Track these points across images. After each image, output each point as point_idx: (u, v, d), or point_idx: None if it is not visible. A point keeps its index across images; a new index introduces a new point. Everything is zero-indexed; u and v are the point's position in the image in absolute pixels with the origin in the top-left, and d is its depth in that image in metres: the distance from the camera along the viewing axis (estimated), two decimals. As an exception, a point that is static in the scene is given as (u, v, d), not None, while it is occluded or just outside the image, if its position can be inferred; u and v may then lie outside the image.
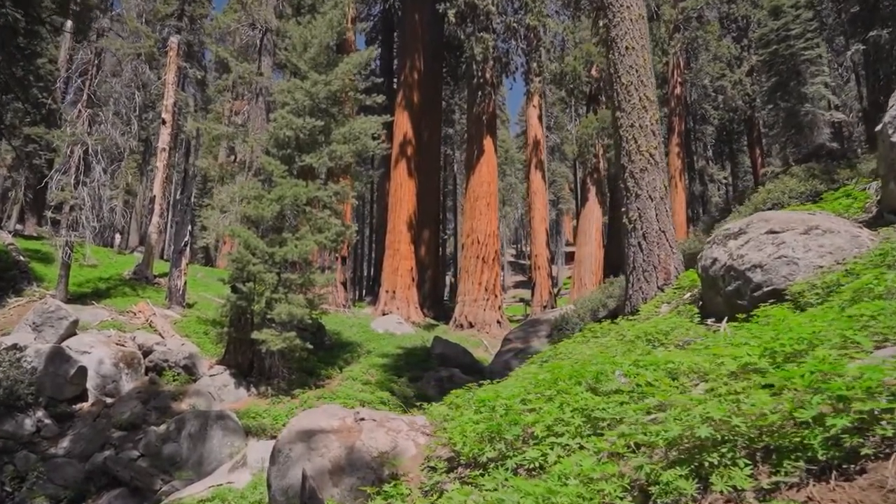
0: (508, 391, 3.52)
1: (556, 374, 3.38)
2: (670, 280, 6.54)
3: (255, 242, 14.07)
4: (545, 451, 2.52)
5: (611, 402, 2.77)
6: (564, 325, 14.55)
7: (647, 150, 6.83)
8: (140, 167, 41.50)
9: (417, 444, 3.49)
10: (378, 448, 3.38)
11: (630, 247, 6.85)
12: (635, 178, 6.81)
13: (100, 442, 11.47)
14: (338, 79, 16.20)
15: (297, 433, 3.63)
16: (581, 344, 6.34)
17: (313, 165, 15.46)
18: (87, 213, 17.85)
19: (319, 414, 3.87)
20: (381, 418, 3.79)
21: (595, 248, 29.67)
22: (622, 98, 7.04)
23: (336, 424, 3.67)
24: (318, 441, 3.45)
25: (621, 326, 5.93)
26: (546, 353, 6.49)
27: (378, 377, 16.30)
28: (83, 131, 17.75)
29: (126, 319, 16.60)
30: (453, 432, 3.14)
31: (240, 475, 8.23)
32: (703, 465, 2.03)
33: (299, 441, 3.52)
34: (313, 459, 3.35)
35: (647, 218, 6.70)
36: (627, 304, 6.92)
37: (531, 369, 6.41)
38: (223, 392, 13.96)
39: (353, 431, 3.57)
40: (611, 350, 4.93)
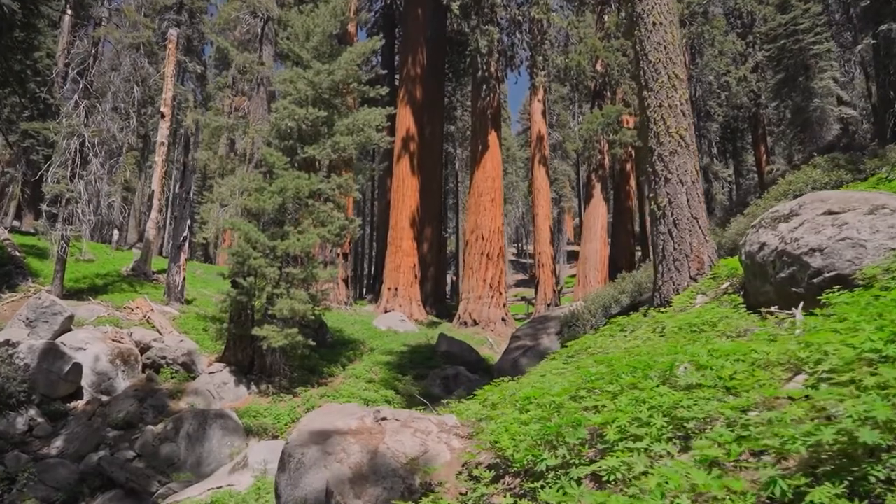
0: (557, 387, 3.07)
1: (615, 367, 2.93)
2: (704, 270, 6.10)
3: (256, 235, 13.63)
4: (626, 458, 2.08)
5: (693, 399, 2.34)
6: (575, 321, 14.11)
7: (676, 132, 6.40)
8: (139, 163, 41.10)
9: (451, 448, 3.05)
10: (406, 453, 2.94)
11: (659, 234, 6.41)
12: (664, 162, 6.37)
13: (94, 442, 11.02)
14: (341, 68, 15.77)
15: (309, 434, 3.18)
16: (609, 338, 5.91)
17: (316, 157, 15.02)
18: (84, 206, 17.38)
19: (334, 413, 3.43)
20: (405, 418, 3.35)
21: (600, 246, 29.21)
22: (649, 77, 6.60)
23: (354, 425, 3.23)
24: (335, 444, 3.00)
25: (655, 318, 5.50)
26: (572, 348, 6.05)
27: (382, 375, 15.88)
28: (79, 123, 17.28)
29: (123, 315, 16.15)
30: (500, 435, 2.69)
31: (240, 477, 7.78)
32: (863, 480, 1.60)
33: (313, 444, 3.07)
34: (330, 466, 2.90)
35: (678, 204, 6.26)
36: (656, 296, 6.48)
37: (552, 365, 5.98)
38: (223, 390, 13.52)
39: (375, 433, 3.14)
40: (650, 343, 4.49)
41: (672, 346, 3.22)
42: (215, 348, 15.47)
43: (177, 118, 34.86)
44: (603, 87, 32.04)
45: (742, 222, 12.44)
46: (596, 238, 29.61)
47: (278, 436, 11.68)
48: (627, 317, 6.68)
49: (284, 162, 14.56)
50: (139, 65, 28.12)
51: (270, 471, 7.06)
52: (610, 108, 30.06)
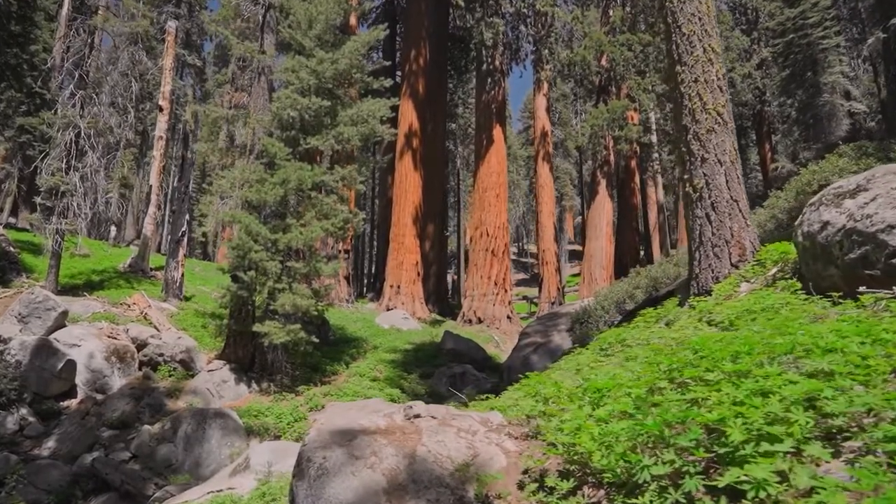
0: (627, 378, 2.61)
1: (711, 351, 2.44)
2: (746, 256, 5.64)
3: (258, 228, 13.15)
4: (778, 465, 1.61)
5: (833, 388, 1.88)
6: (586, 318, 13.64)
7: (714, 108, 5.93)
8: (137, 160, 40.60)
9: (506, 451, 2.57)
10: (451, 457, 2.45)
11: (696, 219, 5.94)
12: (701, 140, 5.90)
13: (88, 442, 10.54)
14: (345, 57, 15.30)
15: (331, 434, 2.69)
16: (645, 329, 5.45)
17: (319, 148, 14.55)
18: (80, 200, 16.90)
19: (357, 409, 2.96)
20: (443, 415, 2.87)
21: (606, 243, 28.75)
22: (683, 50, 6.13)
23: (382, 423, 2.75)
24: (364, 446, 2.52)
25: (699, 308, 5.03)
26: (605, 340, 5.59)
27: (387, 373, 15.41)
28: (75, 114, 16.79)
29: (120, 312, 15.65)
30: (576, 436, 2.22)
31: (242, 480, 7.30)
32: None
33: (336, 446, 2.57)
34: (360, 473, 2.41)
35: (717, 185, 5.80)
36: (693, 285, 6.01)
37: (585, 358, 5.51)
38: (222, 388, 13.04)
39: (409, 433, 2.66)
40: (701, 332, 4.03)
41: (759, 333, 2.74)
42: (215, 345, 14.99)
43: (175, 113, 34.37)
44: (608, 83, 31.62)
45: (763, 214, 12.00)
46: (601, 235, 29.16)
47: (280, 436, 11.21)
48: (657, 308, 6.23)
49: (286, 153, 14.08)
50: (137, 59, 27.63)
51: (275, 473, 6.59)
52: (616, 103, 29.62)
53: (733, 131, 5.96)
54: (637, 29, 30.85)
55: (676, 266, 12.99)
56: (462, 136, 58.78)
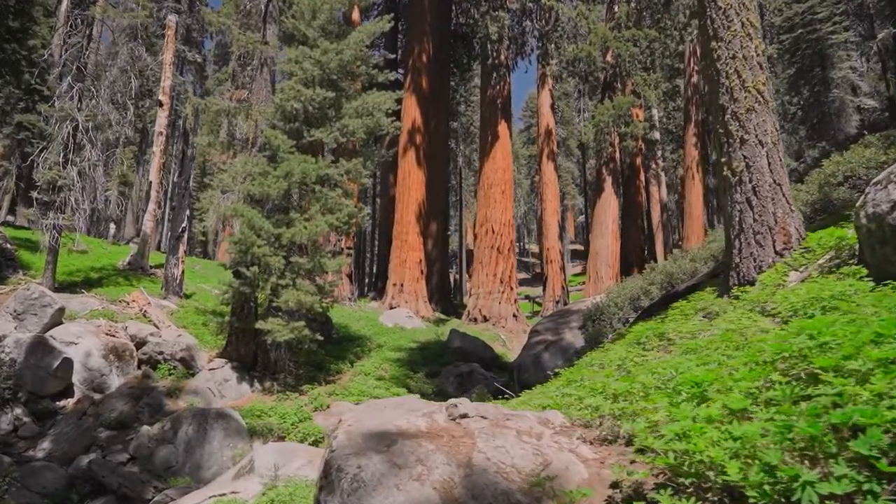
0: (706, 371, 2.21)
1: (840, 336, 2.04)
2: (791, 243, 5.25)
3: (261, 223, 12.75)
4: None
5: None
6: (599, 315, 13.25)
7: (753, 86, 5.55)
8: (136, 158, 40.23)
9: (582, 458, 2.16)
10: (517, 466, 2.04)
11: (735, 204, 5.55)
12: (740, 120, 5.51)
13: (85, 443, 10.14)
14: (349, 48, 14.90)
15: (364, 438, 2.27)
16: (684, 322, 5.06)
17: (323, 140, 14.16)
18: (78, 195, 16.49)
19: (388, 408, 2.56)
20: (494, 415, 2.46)
21: (611, 241, 28.33)
22: (719, 25, 5.74)
23: (423, 424, 2.35)
24: (406, 452, 2.10)
25: (750, 298, 4.63)
26: (641, 334, 5.20)
27: (392, 372, 15.01)
28: (73, 107, 16.38)
29: (118, 309, 15.26)
30: (693, 442, 1.81)
31: (246, 484, 6.90)
32: None
33: (372, 452, 2.16)
34: (406, 486, 1.99)
35: (758, 168, 5.41)
36: (733, 276, 5.61)
37: (620, 352, 5.11)
38: (224, 388, 12.64)
39: (458, 436, 2.26)
40: (757, 324, 3.65)
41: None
42: (216, 343, 14.59)
43: (176, 110, 33.99)
44: (613, 79, 31.18)
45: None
46: (607, 233, 28.74)
47: (285, 437, 10.81)
48: (688, 301, 5.84)
49: (290, 145, 13.68)
50: (137, 54, 27.25)
51: (281, 477, 6.19)
52: (622, 99, 29.23)
53: (774, 110, 5.57)
54: (643, 24, 30.47)
55: (692, 262, 12.60)
56: (464, 134, 58.40)
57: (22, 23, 31.12)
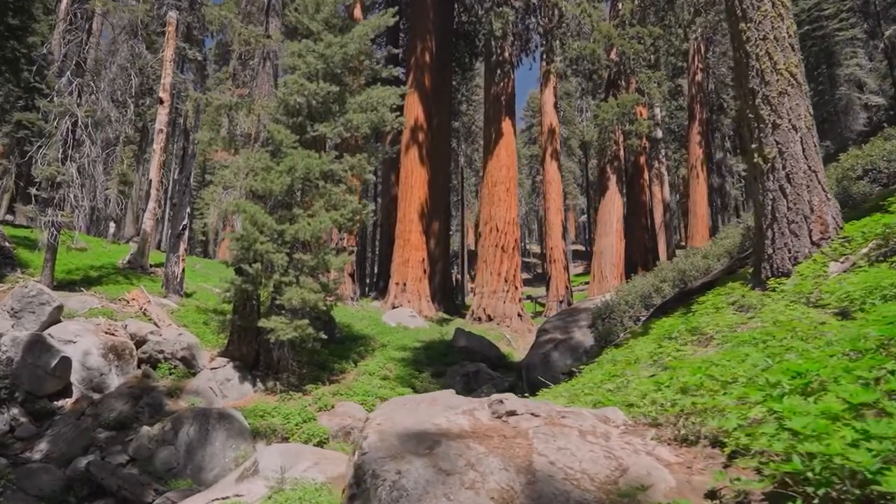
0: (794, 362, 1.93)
1: None
2: (828, 233, 4.98)
3: (263, 218, 12.48)
4: None
5: None
6: (609, 314, 12.95)
7: (786, 68, 5.28)
8: (136, 157, 39.97)
9: (665, 462, 1.89)
10: (588, 472, 1.74)
11: (766, 192, 5.27)
12: (772, 104, 5.23)
13: (83, 444, 9.86)
14: (354, 41, 14.64)
15: (400, 439, 1.97)
16: (719, 316, 4.77)
17: (327, 135, 13.89)
18: (77, 191, 16.21)
19: (422, 405, 2.28)
20: (548, 412, 2.17)
21: (616, 240, 28.03)
22: (748, 5, 5.46)
23: (465, 423, 2.06)
24: (453, 456, 1.80)
25: (791, 290, 4.35)
26: (672, 329, 4.93)
27: (397, 372, 14.74)
28: (72, 102, 16.11)
29: (118, 307, 14.98)
30: (828, 442, 1.52)
31: (251, 486, 6.61)
32: None
33: (412, 455, 1.85)
34: (457, 496, 1.67)
35: (792, 154, 5.13)
36: (765, 267, 5.33)
37: (648, 348, 4.83)
38: (226, 387, 12.36)
39: (510, 437, 1.97)
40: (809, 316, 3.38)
41: None
42: (217, 342, 14.31)
43: (176, 108, 33.69)
44: (617, 77, 30.91)
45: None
46: (611, 232, 28.45)
47: (288, 438, 10.53)
48: (714, 295, 5.56)
49: (293, 140, 13.41)
50: (137, 52, 26.99)
51: (288, 479, 5.90)
52: (626, 97, 28.97)
53: (807, 94, 5.30)
54: (647, 22, 30.21)
55: (705, 258, 12.34)
56: (465, 133, 58.14)
57: (21, 20, 30.87)
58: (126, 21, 26.98)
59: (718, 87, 42.97)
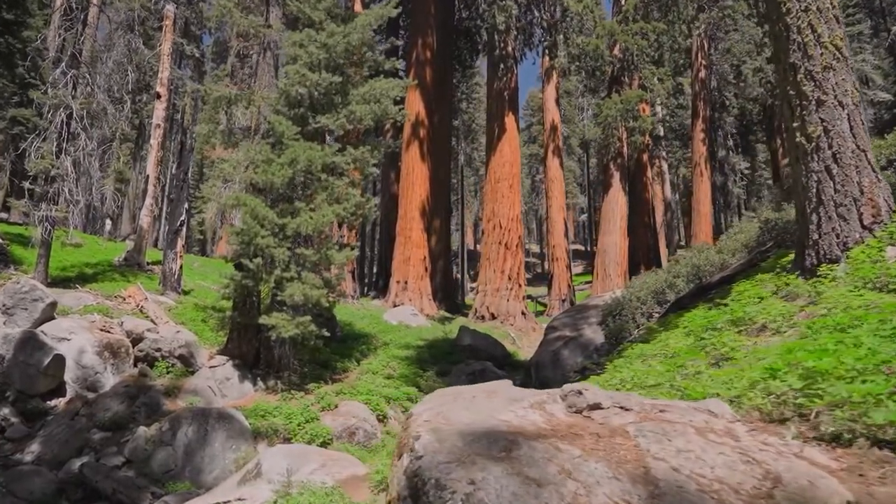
0: None
1: None
2: (881, 216, 4.62)
3: (264, 212, 12.08)
4: None
5: None
6: (620, 310, 12.61)
7: (830, 42, 4.93)
8: (133, 154, 39.54)
9: (824, 467, 1.51)
10: (724, 481, 1.37)
11: (811, 174, 4.91)
12: (815, 80, 4.88)
13: (77, 445, 9.45)
14: (356, 31, 14.25)
15: (463, 438, 1.54)
16: (767, 306, 4.41)
17: (330, 127, 13.50)
18: (72, 185, 15.79)
19: (479, 398, 1.90)
20: (639, 405, 1.79)
21: (620, 238, 27.66)
22: (789, -26, 5.12)
23: (538, 419, 1.68)
24: (539, 460, 1.38)
25: (847, 277, 3.99)
26: (703, 320, 4.57)
27: (401, 371, 14.35)
28: (67, 93, 15.68)
29: (114, 305, 14.56)
30: None
31: (254, 490, 6.23)
32: None
33: (484, 459, 1.44)
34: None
35: (839, 132, 4.78)
36: (810, 254, 4.97)
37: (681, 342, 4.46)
38: (225, 386, 11.95)
39: (603, 434, 1.59)
40: (884, 302, 3.02)
41: None
42: (216, 340, 13.90)
43: (174, 104, 33.24)
44: (621, 73, 30.55)
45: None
46: (615, 230, 28.08)
47: (291, 438, 10.14)
48: (754, 286, 5.20)
49: (294, 132, 13.01)
50: (134, 46, 26.57)
51: (295, 483, 5.52)
52: (630, 93, 28.62)
53: (853, 70, 4.93)
54: (651, 17, 29.89)
55: (720, 253, 12.00)
56: (465, 132, 57.79)
57: (16, 14, 30.42)
58: (123, 15, 26.57)
59: (721, 85, 42.72)
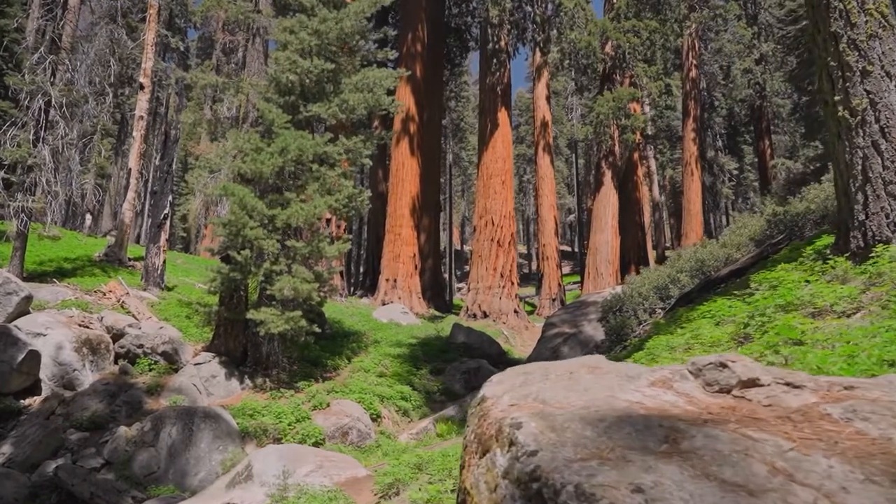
0: None
1: None
2: (935, 194, 4.29)
3: (253, 202, 11.56)
4: None
5: None
6: (620, 307, 12.26)
7: (875, 8, 4.59)
8: (115, 149, 38.60)
9: None
10: None
11: (856, 150, 4.56)
12: (860, 49, 4.54)
13: (52, 446, 8.88)
14: (349, 18, 13.79)
15: (592, 426, 1.06)
16: (821, 290, 4.03)
17: (321, 116, 13.00)
18: (49, 175, 15.14)
19: (580, 374, 1.48)
20: (813, 384, 1.38)
21: (612, 237, 27.41)
22: (829, -64, 4.78)
23: (679, 400, 1.26)
24: (731, 456, 0.88)
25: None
26: (761, 302, 4.18)
27: (394, 369, 13.89)
28: (45, 79, 15.03)
29: (94, 299, 13.92)
30: None
31: (245, 494, 5.75)
32: None
33: (646, 456, 0.96)
34: None
35: (886, 104, 4.45)
36: (856, 235, 4.62)
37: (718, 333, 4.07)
38: (211, 384, 11.41)
39: (797, 420, 1.16)
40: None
41: None
42: (202, 336, 13.33)
43: (157, 97, 32.48)
44: (612, 71, 30.35)
45: (826, 190, 10.81)
46: (606, 228, 27.83)
47: (281, 438, 9.64)
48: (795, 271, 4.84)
49: (285, 120, 12.51)
50: (116, 37, 25.80)
51: (291, 486, 5.05)
52: (622, 90, 28.40)
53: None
54: (643, 15, 29.73)
55: (724, 248, 11.73)
56: (453, 130, 57.41)
57: (-5, 4, 29.51)
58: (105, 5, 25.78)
59: (711, 86, 42.77)
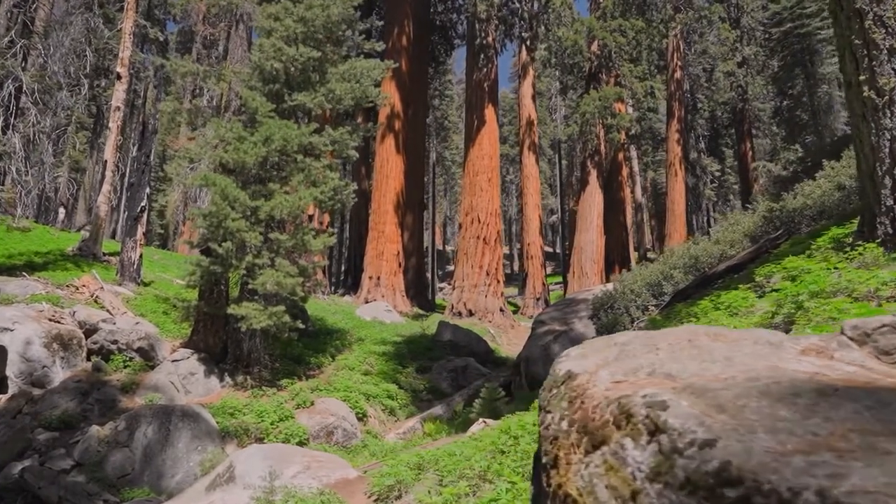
0: None
1: None
2: (971, 179, 4.07)
3: (235, 193, 11.11)
4: None
5: None
6: (611, 304, 12.04)
7: (903, -16, 4.38)
8: (90, 142, 37.54)
9: None
10: None
11: (883, 132, 4.34)
12: (887, 26, 4.31)
13: (18, 447, 8.36)
14: (336, 5, 13.40)
15: (784, 403, 0.77)
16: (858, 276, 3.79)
17: (307, 105, 12.59)
18: (20, 164, 14.52)
19: (703, 343, 1.17)
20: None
21: (596, 236, 27.31)
22: None
23: (851, 369, 0.96)
24: None
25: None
26: (793, 289, 3.92)
27: (379, 367, 13.53)
28: (15, 64, 14.42)
29: (66, 294, 13.34)
30: None
31: (227, 496, 5.36)
32: None
33: None
34: None
35: (917, 84, 4.23)
36: (884, 221, 4.39)
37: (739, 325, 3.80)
38: (189, 382, 10.94)
39: None
40: None
41: None
42: (180, 332, 12.83)
43: (134, 90, 31.64)
44: (598, 70, 30.28)
45: (822, 186, 10.71)
46: (591, 227, 27.72)
47: (263, 438, 9.24)
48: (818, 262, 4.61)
49: (269, 108, 12.08)
50: (92, 26, 25.03)
51: (279, 489, 4.67)
52: (608, 89, 28.33)
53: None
54: (629, 15, 29.71)
55: (717, 244, 11.56)
56: (437, 128, 57.07)
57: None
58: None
59: (694, 88, 42.98)
